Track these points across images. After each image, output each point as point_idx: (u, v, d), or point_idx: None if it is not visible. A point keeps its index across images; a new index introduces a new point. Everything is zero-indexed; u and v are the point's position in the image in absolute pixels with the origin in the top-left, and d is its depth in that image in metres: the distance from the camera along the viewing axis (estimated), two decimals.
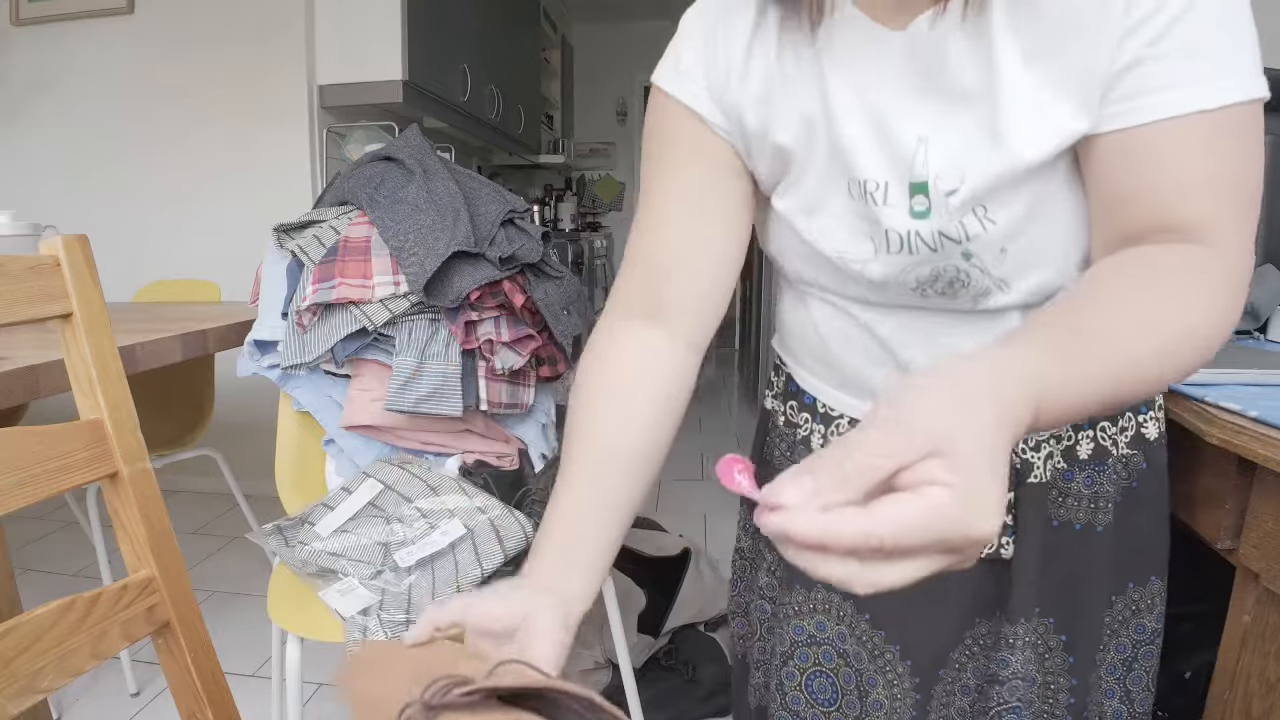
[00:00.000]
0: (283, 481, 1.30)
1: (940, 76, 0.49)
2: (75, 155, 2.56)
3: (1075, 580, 0.60)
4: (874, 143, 0.52)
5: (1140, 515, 0.61)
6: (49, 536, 2.30)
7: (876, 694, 0.62)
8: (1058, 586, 0.60)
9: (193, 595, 0.64)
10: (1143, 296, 0.42)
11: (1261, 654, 0.66)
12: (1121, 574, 0.62)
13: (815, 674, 0.65)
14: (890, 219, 0.53)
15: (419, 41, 2.47)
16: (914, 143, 0.51)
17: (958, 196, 0.50)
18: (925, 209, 0.51)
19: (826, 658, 0.65)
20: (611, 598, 1.16)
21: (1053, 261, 0.52)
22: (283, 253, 1.31)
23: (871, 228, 0.54)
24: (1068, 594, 0.60)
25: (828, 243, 0.56)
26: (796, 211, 0.57)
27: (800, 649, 0.65)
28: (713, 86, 0.56)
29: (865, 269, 0.56)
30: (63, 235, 0.59)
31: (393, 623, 0.94)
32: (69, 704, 1.52)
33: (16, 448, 0.53)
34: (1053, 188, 0.50)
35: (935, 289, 0.55)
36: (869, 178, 0.52)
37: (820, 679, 0.65)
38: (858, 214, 0.54)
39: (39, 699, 0.52)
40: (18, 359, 0.97)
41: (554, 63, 4.87)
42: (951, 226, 0.51)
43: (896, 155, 0.51)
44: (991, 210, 0.50)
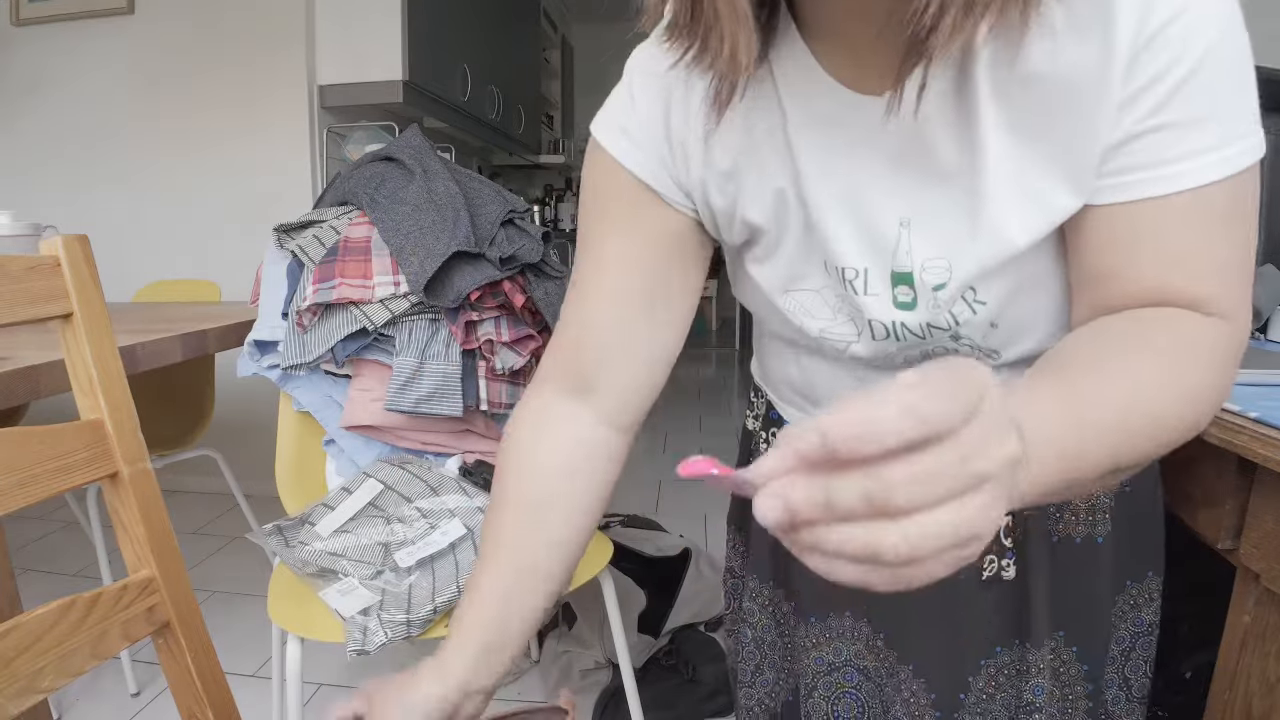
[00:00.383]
0: (283, 481, 1.30)
1: (919, 152, 0.45)
2: (75, 155, 2.56)
3: (1081, 593, 0.59)
4: (852, 229, 0.49)
5: (1135, 516, 0.61)
6: (49, 536, 2.30)
7: (896, 710, 0.61)
8: (1066, 601, 0.59)
9: (193, 595, 0.64)
10: (1140, 360, 0.40)
11: (1262, 654, 0.66)
12: (1121, 575, 0.61)
13: (840, 697, 0.64)
14: (873, 309, 0.50)
15: (419, 41, 2.47)
16: (895, 228, 0.48)
17: (946, 291, 0.48)
18: (910, 300, 0.49)
19: (849, 678, 0.64)
20: (611, 598, 1.16)
21: (1044, 328, 0.50)
22: (283, 253, 1.31)
23: (853, 311, 0.52)
24: (1076, 607, 0.59)
25: (810, 321, 0.54)
26: (774, 285, 0.55)
27: (822, 678, 0.64)
28: (671, 165, 0.52)
29: (850, 349, 0.54)
30: (63, 235, 0.59)
31: (393, 623, 0.94)
32: (69, 704, 1.52)
33: (17, 448, 0.53)
34: (1043, 262, 0.48)
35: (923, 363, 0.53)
36: (847, 265, 0.50)
37: (845, 700, 0.64)
38: (837, 292, 0.52)
39: (39, 699, 0.52)
40: (18, 359, 0.97)
41: (554, 63, 4.87)
42: (941, 318, 0.49)
43: (876, 242, 0.48)
44: (980, 293, 0.48)
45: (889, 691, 0.62)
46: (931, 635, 0.60)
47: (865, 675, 0.63)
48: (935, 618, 0.59)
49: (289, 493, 1.29)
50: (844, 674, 0.64)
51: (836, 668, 0.64)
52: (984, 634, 0.59)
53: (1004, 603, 0.59)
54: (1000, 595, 0.58)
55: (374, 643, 0.92)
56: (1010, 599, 0.59)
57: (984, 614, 0.59)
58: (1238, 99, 0.41)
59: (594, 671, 1.56)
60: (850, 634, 0.64)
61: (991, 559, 0.58)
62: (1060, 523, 0.59)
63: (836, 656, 0.64)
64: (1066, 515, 0.59)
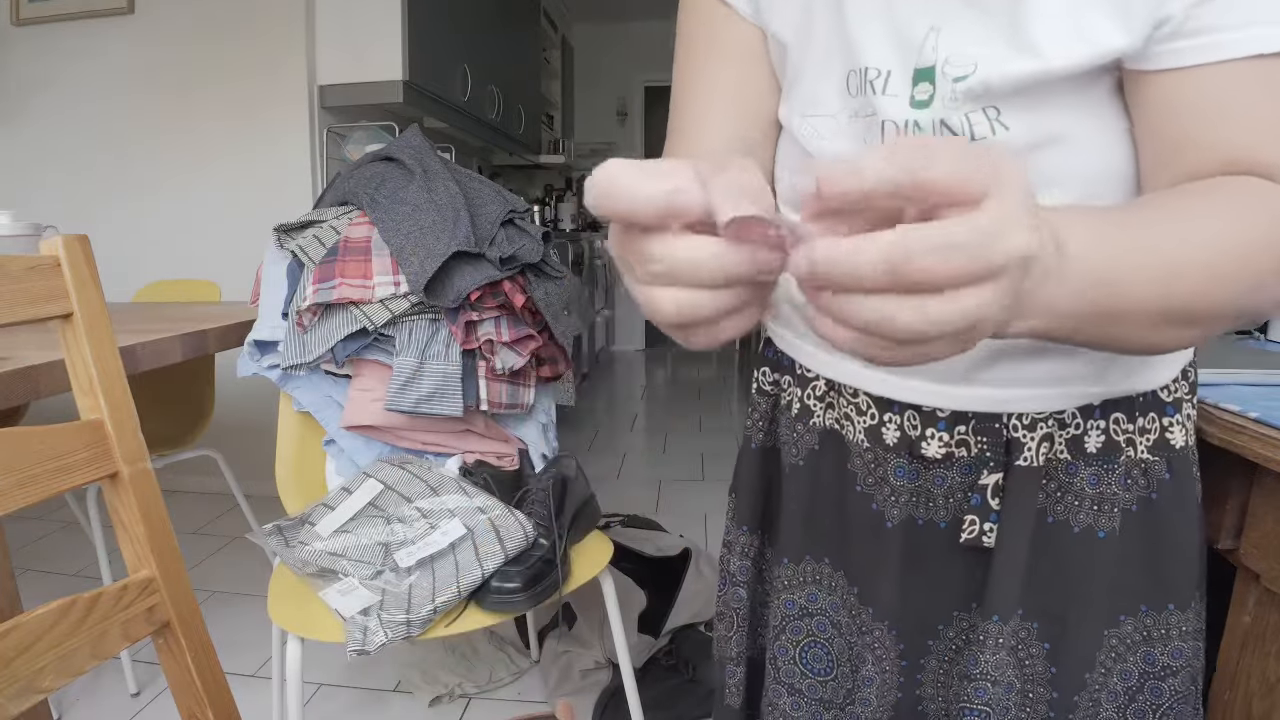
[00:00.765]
0: (283, 481, 1.30)
1: None
2: (75, 155, 2.56)
3: (1067, 587, 0.55)
4: (882, 28, 0.48)
5: (1159, 532, 0.55)
6: (49, 536, 2.30)
7: (866, 669, 0.60)
8: (1046, 591, 0.55)
9: (193, 595, 0.64)
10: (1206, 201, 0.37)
11: (1262, 654, 0.66)
12: (1133, 594, 0.55)
13: (810, 644, 0.63)
14: (888, 108, 0.49)
15: (419, 41, 2.47)
16: (925, 30, 0.47)
17: (965, 84, 0.46)
18: (928, 97, 0.47)
19: (820, 628, 0.63)
20: (611, 598, 1.16)
21: (1078, 188, 0.47)
22: (283, 253, 1.31)
23: (866, 127, 0.50)
24: (1057, 601, 0.55)
25: (818, 144, 0.53)
26: (794, 114, 0.54)
27: (792, 622, 0.63)
28: None
29: None
30: (63, 235, 0.59)
31: (393, 623, 0.94)
32: (69, 704, 1.52)
33: (17, 448, 0.53)
34: (1080, 117, 0.45)
35: None
36: (871, 64, 0.49)
37: (815, 649, 0.63)
38: (852, 112, 0.51)
39: (39, 699, 0.52)
40: (18, 359, 0.97)
41: (554, 63, 4.87)
42: (955, 118, 0.47)
43: (904, 41, 0.48)
44: (1005, 115, 0.46)
45: (860, 649, 0.61)
46: (906, 596, 0.59)
47: (838, 630, 0.62)
48: (910, 578, 0.58)
49: (289, 493, 1.29)
50: (816, 623, 0.62)
51: (810, 614, 0.63)
52: (951, 597, 0.58)
53: (980, 569, 0.56)
54: (975, 562, 0.56)
55: (374, 643, 0.93)
56: (983, 568, 0.56)
57: (957, 576, 0.57)
58: None
59: (594, 671, 1.56)
60: (828, 583, 0.62)
61: (973, 520, 0.55)
62: (1061, 504, 0.55)
63: (811, 602, 0.62)
64: (1069, 498, 0.55)
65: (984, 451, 0.54)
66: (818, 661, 0.63)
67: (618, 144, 5.66)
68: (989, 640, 0.55)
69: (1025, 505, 0.54)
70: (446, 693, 1.52)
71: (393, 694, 1.55)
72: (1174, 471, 0.55)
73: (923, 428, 0.56)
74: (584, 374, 4.38)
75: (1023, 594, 0.55)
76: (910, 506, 0.57)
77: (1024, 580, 0.55)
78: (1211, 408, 0.70)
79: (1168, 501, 0.55)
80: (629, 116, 5.64)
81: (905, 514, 0.57)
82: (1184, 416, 0.56)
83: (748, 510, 0.69)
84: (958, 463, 0.55)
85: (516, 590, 1.01)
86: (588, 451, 3.19)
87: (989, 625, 0.55)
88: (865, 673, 0.60)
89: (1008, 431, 0.54)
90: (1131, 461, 0.55)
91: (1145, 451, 0.55)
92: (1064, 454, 0.55)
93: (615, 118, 5.65)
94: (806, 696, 0.64)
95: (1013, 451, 0.54)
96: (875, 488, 0.58)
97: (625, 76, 5.54)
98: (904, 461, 0.57)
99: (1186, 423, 0.56)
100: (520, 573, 1.02)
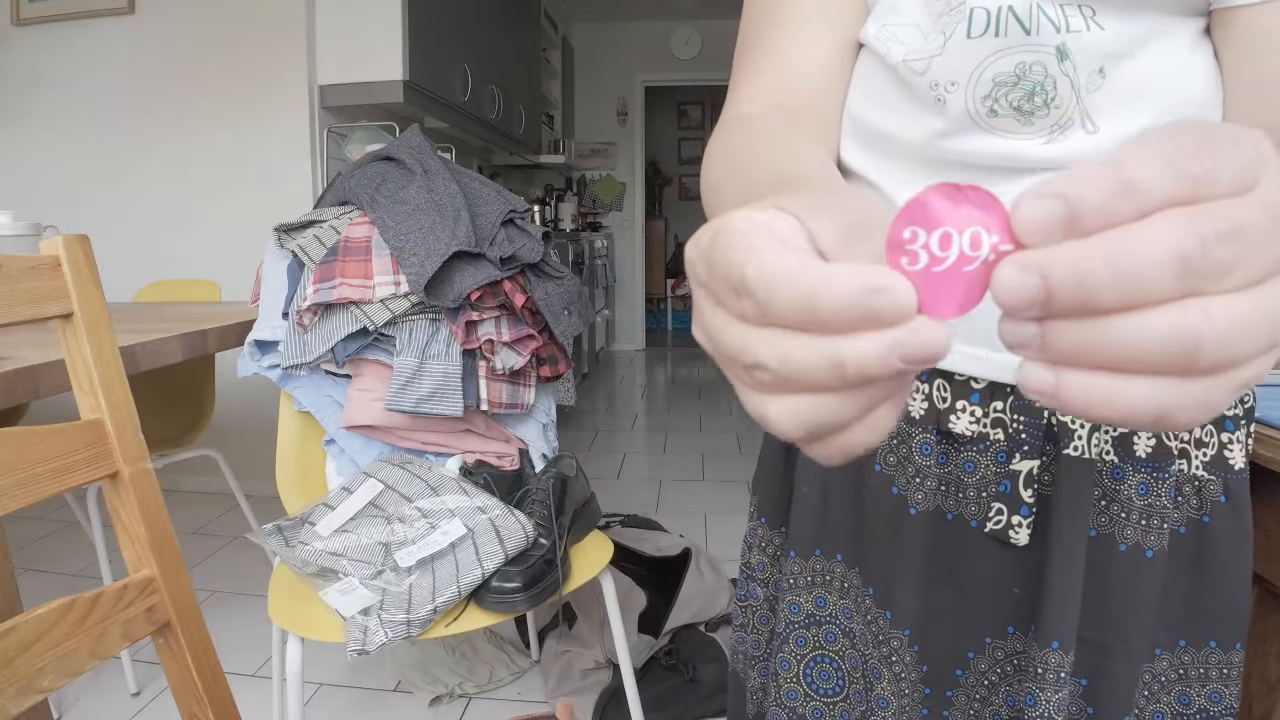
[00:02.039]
0: (283, 481, 1.30)
1: None
2: (75, 155, 2.57)
3: (1108, 614, 0.49)
4: None
5: (1208, 560, 0.50)
6: (49, 536, 2.30)
7: (881, 688, 0.53)
8: (1090, 616, 0.49)
9: (193, 595, 0.64)
10: None
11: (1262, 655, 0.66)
12: (1173, 626, 0.50)
13: (816, 659, 0.55)
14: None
15: (419, 41, 2.47)
16: None
17: None
18: None
19: (829, 638, 0.55)
20: (612, 597, 1.16)
21: (1158, 110, 0.44)
22: (283, 253, 1.31)
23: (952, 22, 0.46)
24: (1094, 629, 0.49)
25: (896, 48, 0.48)
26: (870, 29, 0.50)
27: (796, 631, 0.56)
28: None
29: (931, 68, 0.47)
30: (63, 235, 0.59)
31: (393, 622, 0.94)
32: (69, 704, 1.52)
33: (17, 448, 0.53)
34: (1174, 27, 0.44)
35: (1011, 101, 0.45)
36: None
37: (822, 664, 0.55)
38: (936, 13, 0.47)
39: (39, 699, 0.52)
40: (18, 359, 0.97)
41: (554, 62, 4.87)
42: (1051, 8, 0.44)
43: None
44: (1100, 15, 0.43)
45: (875, 663, 0.53)
46: (930, 596, 0.52)
47: (850, 640, 0.54)
48: (936, 570, 0.51)
49: (289, 493, 1.29)
50: (825, 633, 0.55)
51: (818, 621, 0.55)
52: (993, 603, 0.50)
53: (1022, 571, 0.49)
54: (1017, 560, 0.49)
55: (374, 643, 0.93)
56: (1029, 571, 0.49)
57: (996, 576, 0.50)
58: None
59: (594, 671, 1.55)
60: (840, 582, 0.55)
61: (1000, 508, 0.48)
62: (1106, 514, 0.49)
63: (819, 608, 0.55)
64: (1115, 507, 0.49)
65: (1019, 433, 0.48)
66: (825, 680, 0.55)
67: (618, 144, 5.66)
68: (1049, 675, 0.48)
69: (1080, 504, 0.48)
70: (446, 693, 1.52)
71: (393, 694, 1.55)
72: (1230, 495, 0.50)
73: (953, 399, 0.50)
74: (584, 374, 4.38)
75: (1083, 618, 0.49)
76: (938, 496, 0.51)
77: (1068, 598, 0.48)
78: None
79: (1222, 528, 0.50)
80: (629, 116, 5.64)
81: (932, 504, 0.51)
82: (1244, 435, 0.51)
83: (769, 503, 0.63)
84: (992, 445, 0.49)
85: (517, 590, 1.01)
86: (588, 451, 3.19)
87: (1048, 655, 0.48)
88: (880, 692, 0.53)
89: (1050, 416, 0.48)
90: (1185, 476, 0.49)
91: (1200, 468, 0.49)
92: (1110, 454, 0.49)
93: (615, 118, 5.65)
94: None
95: (1060, 439, 0.48)
96: (898, 468, 0.52)
97: (625, 76, 5.54)
98: (931, 438, 0.51)
99: (1247, 442, 0.51)
100: (520, 573, 1.02)
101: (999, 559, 0.50)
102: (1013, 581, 0.50)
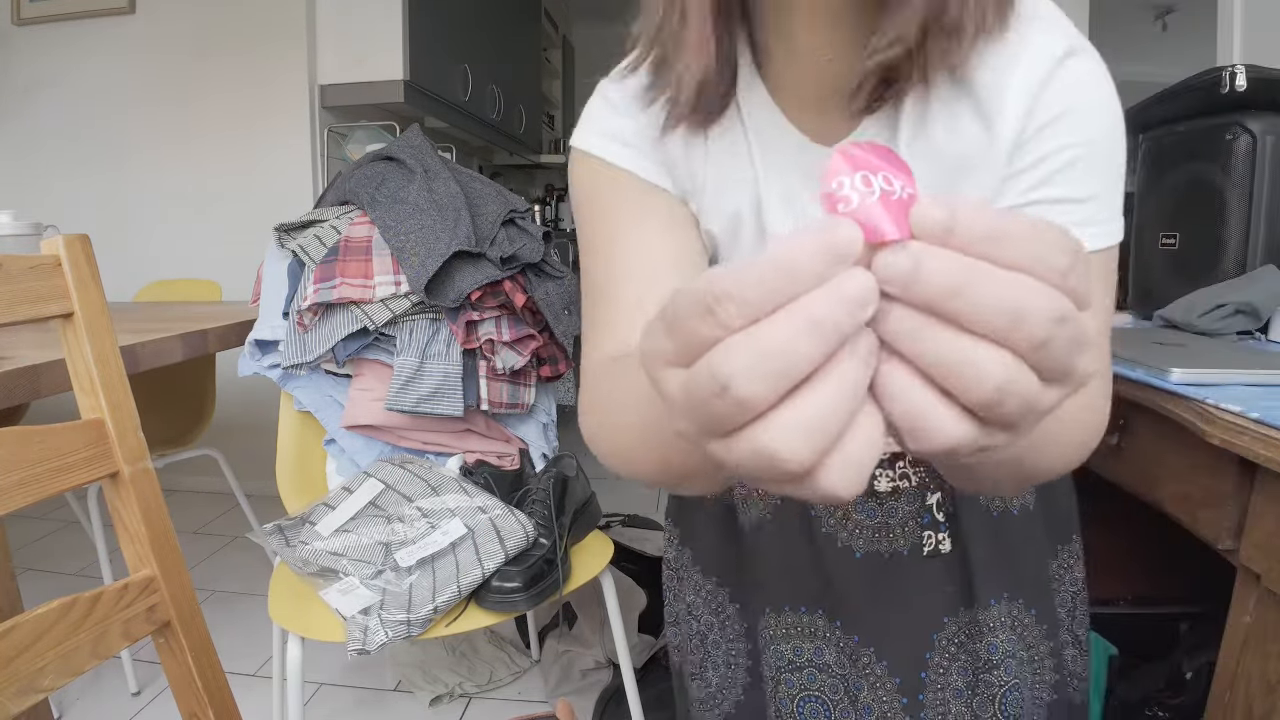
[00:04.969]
0: (283, 481, 1.30)
1: None
2: (76, 155, 2.56)
3: (1025, 559, 0.63)
4: None
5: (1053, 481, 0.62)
6: (50, 536, 2.30)
7: (864, 697, 0.63)
8: (1013, 568, 0.62)
9: (194, 595, 0.64)
10: None
11: (1262, 655, 0.66)
12: (1051, 540, 0.66)
13: (804, 699, 0.65)
14: None
15: (419, 41, 2.47)
16: None
17: None
18: None
19: (811, 679, 0.65)
20: (612, 597, 1.16)
21: None
22: (284, 252, 1.31)
23: None
24: (1022, 572, 0.63)
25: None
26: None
27: (785, 675, 0.66)
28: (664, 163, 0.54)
29: None
30: (64, 235, 0.59)
31: (393, 622, 0.94)
32: (70, 703, 1.52)
33: (17, 447, 0.53)
34: None
35: None
36: None
37: (811, 704, 0.65)
38: None
39: (40, 698, 0.52)
40: (19, 359, 0.97)
41: (555, 62, 4.87)
42: None
43: None
44: None
45: (855, 678, 0.63)
46: (887, 617, 0.62)
47: (827, 672, 0.64)
48: (886, 596, 0.62)
49: (289, 492, 1.29)
50: (807, 675, 0.65)
51: (798, 667, 0.65)
52: (932, 606, 0.62)
53: (949, 573, 0.62)
54: (943, 566, 0.62)
55: (374, 642, 0.93)
56: (954, 569, 0.62)
57: (931, 585, 0.62)
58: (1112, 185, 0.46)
59: (594, 671, 1.56)
60: (808, 629, 0.65)
61: (930, 534, 0.62)
62: (997, 498, 0.62)
63: (797, 656, 0.65)
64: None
65: (924, 478, 0.61)
66: (815, 716, 0.65)
67: None
68: (997, 625, 0.61)
69: (975, 507, 0.61)
70: (447, 692, 1.52)
71: (393, 694, 1.55)
72: None
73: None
74: None
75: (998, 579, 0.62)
76: (874, 542, 0.63)
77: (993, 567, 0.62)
78: (1212, 408, 0.70)
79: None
80: None
81: (871, 548, 0.63)
82: None
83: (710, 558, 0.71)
84: (905, 493, 0.62)
85: (517, 590, 1.01)
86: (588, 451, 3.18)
87: (990, 613, 0.61)
88: (864, 700, 0.63)
89: None
90: None
91: None
92: None
93: None
94: None
95: None
96: (839, 525, 0.63)
97: None
98: (862, 498, 0.62)
99: None
100: (520, 572, 1.02)
101: (931, 569, 0.62)
102: (944, 583, 0.62)
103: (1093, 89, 0.46)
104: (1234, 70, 1.04)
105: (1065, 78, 0.46)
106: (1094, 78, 0.46)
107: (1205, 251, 1.11)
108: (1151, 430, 0.82)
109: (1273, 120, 1.04)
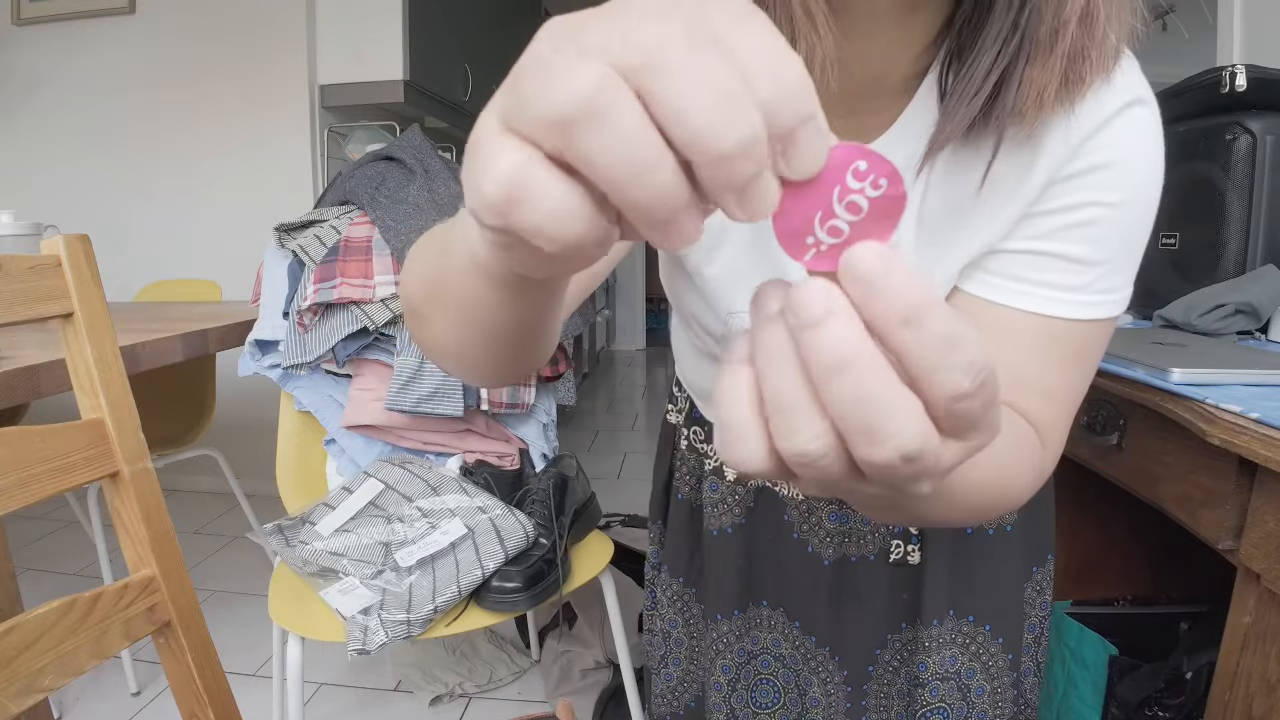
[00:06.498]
0: (284, 481, 1.30)
1: None
2: (76, 155, 2.56)
3: (994, 577, 0.63)
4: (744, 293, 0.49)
5: (1036, 502, 0.60)
6: (50, 536, 2.30)
7: (813, 692, 0.65)
8: (977, 586, 0.62)
9: (194, 594, 0.64)
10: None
11: (1262, 655, 0.66)
12: (1027, 562, 0.65)
13: (758, 683, 0.67)
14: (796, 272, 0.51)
15: (419, 41, 2.47)
16: None
17: None
18: None
19: (765, 664, 0.67)
20: (612, 597, 1.16)
21: None
22: (284, 252, 1.31)
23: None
24: (988, 590, 0.63)
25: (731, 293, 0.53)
26: (699, 262, 0.54)
27: (744, 668, 0.67)
28: None
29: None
30: (64, 235, 0.59)
31: (393, 622, 0.95)
32: (70, 703, 1.52)
33: (17, 447, 0.53)
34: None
35: None
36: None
37: (762, 685, 0.67)
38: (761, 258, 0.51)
39: (40, 698, 0.52)
40: (19, 358, 0.97)
41: None
42: None
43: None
44: None
45: (806, 674, 0.66)
46: (843, 618, 0.64)
47: (781, 662, 0.67)
48: (845, 598, 0.64)
49: (289, 492, 1.29)
50: (761, 661, 0.67)
51: (754, 655, 0.67)
52: (892, 608, 0.63)
53: (909, 583, 0.63)
54: (906, 575, 0.63)
55: (374, 642, 0.93)
56: (912, 581, 0.63)
57: (891, 588, 0.63)
58: (1127, 258, 0.44)
59: (594, 671, 1.56)
60: (767, 622, 0.67)
61: (898, 543, 0.62)
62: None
63: (753, 645, 0.67)
64: None
65: None
66: (765, 696, 0.68)
67: None
68: (932, 644, 0.62)
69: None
70: (447, 692, 1.52)
71: (393, 694, 1.55)
72: None
73: None
74: (584, 374, 4.38)
75: (951, 596, 0.62)
76: (843, 547, 0.64)
77: (949, 585, 0.62)
78: (1212, 408, 0.70)
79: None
80: None
81: (839, 553, 0.64)
82: None
83: (679, 559, 0.72)
84: None
85: (517, 590, 1.01)
86: (588, 451, 3.19)
87: (930, 632, 0.62)
88: (813, 695, 0.66)
89: None
90: None
91: None
92: None
93: None
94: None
95: None
96: (810, 532, 0.64)
97: None
98: (835, 507, 0.63)
99: None
100: (520, 572, 1.02)
101: (897, 575, 0.63)
102: (902, 589, 0.63)
103: (1144, 146, 0.43)
104: (1234, 70, 1.04)
105: (1123, 126, 0.42)
106: (1149, 137, 0.43)
107: (1205, 251, 1.11)
108: (1151, 430, 0.82)
109: (1273, 120, 1.04)
